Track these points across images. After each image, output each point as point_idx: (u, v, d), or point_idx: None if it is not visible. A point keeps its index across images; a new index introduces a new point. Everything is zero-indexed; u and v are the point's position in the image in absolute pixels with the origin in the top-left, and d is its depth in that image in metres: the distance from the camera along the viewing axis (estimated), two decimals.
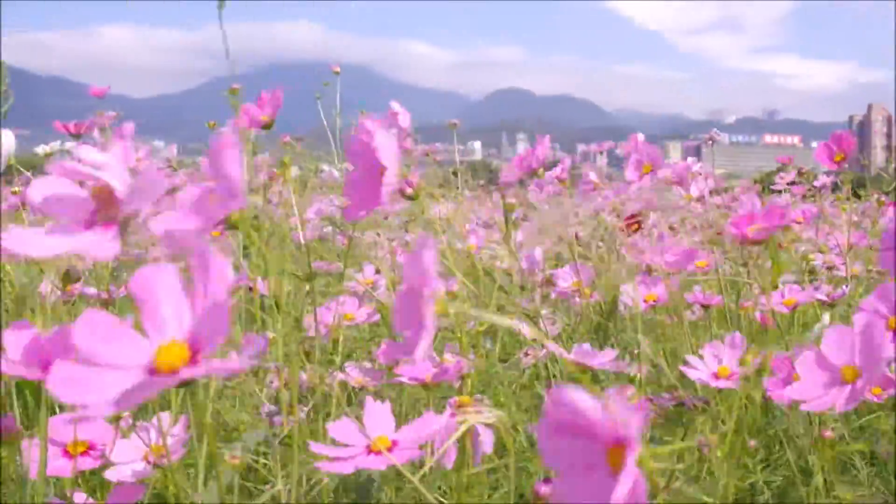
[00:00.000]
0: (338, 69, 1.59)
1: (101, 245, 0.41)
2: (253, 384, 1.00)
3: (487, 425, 0.67)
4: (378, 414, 0.69)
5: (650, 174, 1.10)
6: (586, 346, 0.95)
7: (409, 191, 0.73)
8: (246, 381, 1.02)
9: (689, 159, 1.34)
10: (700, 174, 1.24)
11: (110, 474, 0.70)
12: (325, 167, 1.86)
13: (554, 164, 1.33)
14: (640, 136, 1.19)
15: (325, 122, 1.83)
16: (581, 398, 0.34)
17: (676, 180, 1.17)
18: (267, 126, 1.01)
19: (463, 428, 0.58)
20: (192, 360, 0.36)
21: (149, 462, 0.69)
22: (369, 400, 0.70)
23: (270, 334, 1.04)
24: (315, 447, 0.67)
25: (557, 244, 1.23)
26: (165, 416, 0.74)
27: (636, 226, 1.38)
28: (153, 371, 0.36)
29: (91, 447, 0.69)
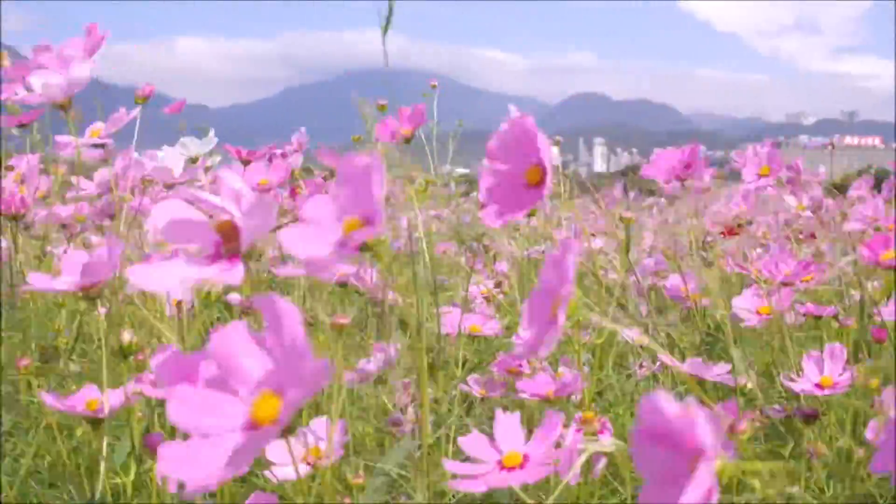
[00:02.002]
0: (435, 83, 1.61)
1: (226, 275, 0.43)
2: (383, 396, 1.03)
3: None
4: (508, 426, 0.67)
5: (767, 176, 1.09)
6: (698, 360, 0.95)
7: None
8: (374, 393, 1.05)
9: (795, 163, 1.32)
10: (811, 180, 1.22)
11: (270, 474, 0.70)
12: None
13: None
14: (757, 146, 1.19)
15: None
16: (669, 407, 0.33)
17: (790, 185, 1.16)
18: (408, 140, 1.04)
19: (586, 455, 0.58)
20: (283, 404, 0.37)
21: (308, 464, 0.69)
22: (499, 413, 0.68)
23: (399, 344, 1.07)
24: (449, 465, 0.64)
25: (672, 247, 1.24)
26: (323, 422, 0.74)
27: (737, 231, 1.37)
28: (253, 427, 0.37)
29: None
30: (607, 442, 0.53)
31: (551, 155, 0.55)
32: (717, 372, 0.91)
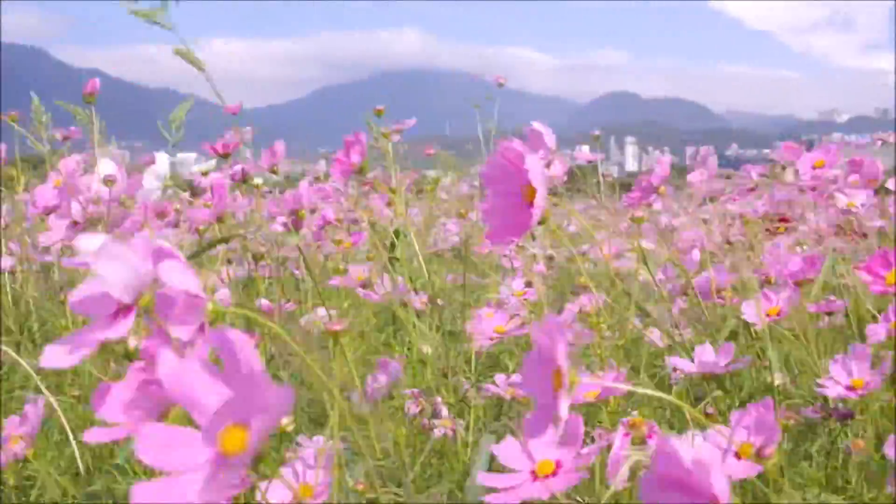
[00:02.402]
0: (503, 80, 1.60)
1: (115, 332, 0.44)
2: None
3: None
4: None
5: (822, 169, 1.07)
6: (707, 347, 0.92)
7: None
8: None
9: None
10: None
11: None
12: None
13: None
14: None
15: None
16: (684, 453, 0.33)
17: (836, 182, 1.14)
18: (360, 171, 1.05)
19: (633, 461, 0.57)
20: (250, 435, 0.37)
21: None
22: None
23: (427, 349, 1.07)
24: (484, 478, 0.63)
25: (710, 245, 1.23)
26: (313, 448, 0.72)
27: (783, 227, 1.36)
28: (223, 457, 0.37)
29: None
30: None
31: (540, 177, 0.56)
32: (724, 361, 0.89)
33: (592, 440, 0.73)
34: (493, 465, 0.68)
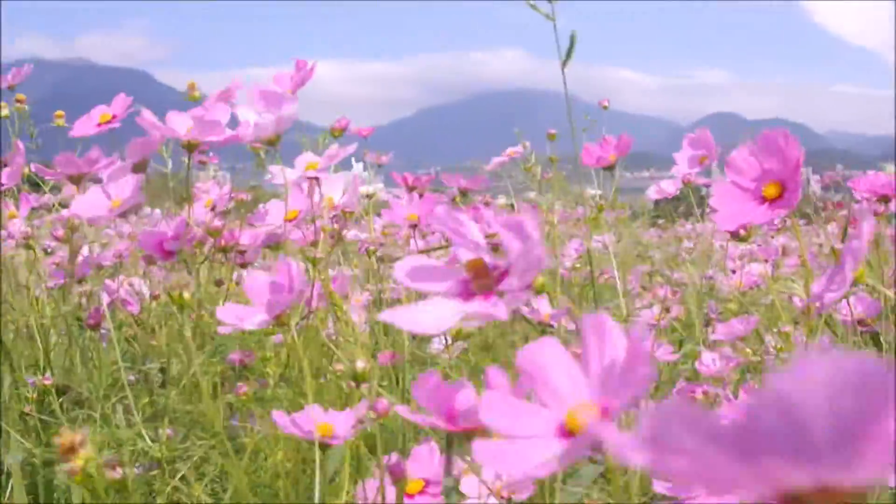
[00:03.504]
0: (606, 103, 1.60)
1: (493, 310, 0.45)
2: None
3: None
4: None
5: None
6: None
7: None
8: None
9: None
10: None
11: None
12: None
13: None
14: None
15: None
16: None
17: None
18: (610, 167, 1.05)
19: None
20: (603, 418, 0.38)
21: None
22: None
23: None
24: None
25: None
26: None
27: None
28: (566, 434, 0.39)
29: (426, 483, 0.68)
30: None
31: (800, 177, 0.57)
32: None
33: None
34: None
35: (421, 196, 1.15)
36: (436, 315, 0.45)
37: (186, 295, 0.68)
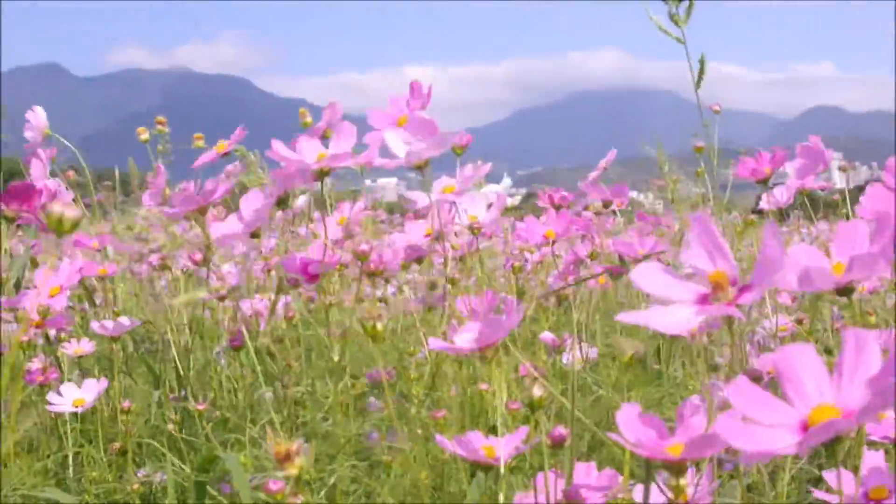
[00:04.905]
0: (718, 107, 1.57)
1: (728, 312, 0.48)
2: None
3: None
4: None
5: None
6: None
7: None
8: None
9: None
10: None
11: None
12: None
13: None
14: None
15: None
16: None
17: None
18: (764, 181, 1.04)
19: None
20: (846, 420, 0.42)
21: None
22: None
23: None
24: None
25: None
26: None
27: None
28: (805, 427, 0.43)
29: None
30: None
31: None
32: None
33: None
34: None
35: (558, 211, 1.14)
36: (678, 317, 0.49)
37: (379, 326, 0.68)
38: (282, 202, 0.91)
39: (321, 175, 0.89)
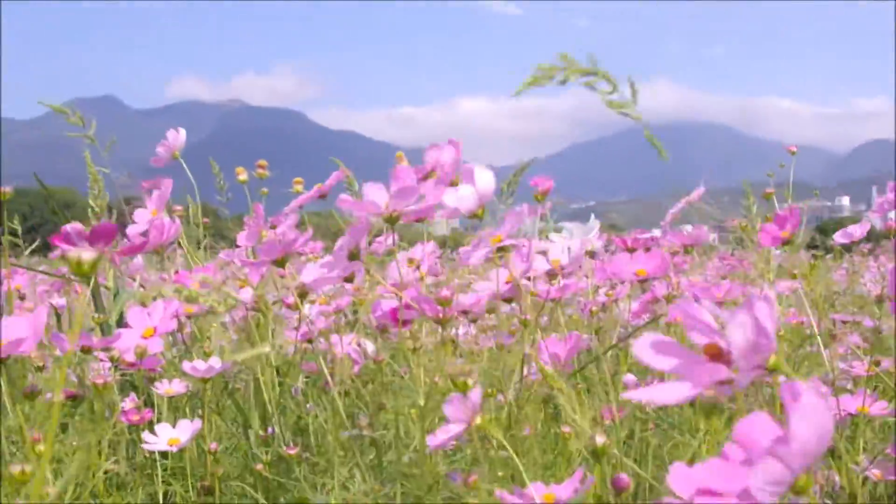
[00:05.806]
0: (794, 149, 1.56)
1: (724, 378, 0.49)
2: None
3: None
4: None
5: None
6: None
7: None
8: None
9: None
10: None
11: None
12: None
13: None
14: None
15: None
16: None
17: None
18: (787, 242, 1.05)
19: None
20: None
21: None
22: None
23: None
24: None
25: None
26: None
27: None
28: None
29: None
30: None
31: None
32: None
33: None
34: None
35: (647, 251, 1.16)
36: (676, 391, 0.49)
37: (470, 382, 0.71)
38: (353, 255, 0.93)
39: (391, 221, 0.91)
